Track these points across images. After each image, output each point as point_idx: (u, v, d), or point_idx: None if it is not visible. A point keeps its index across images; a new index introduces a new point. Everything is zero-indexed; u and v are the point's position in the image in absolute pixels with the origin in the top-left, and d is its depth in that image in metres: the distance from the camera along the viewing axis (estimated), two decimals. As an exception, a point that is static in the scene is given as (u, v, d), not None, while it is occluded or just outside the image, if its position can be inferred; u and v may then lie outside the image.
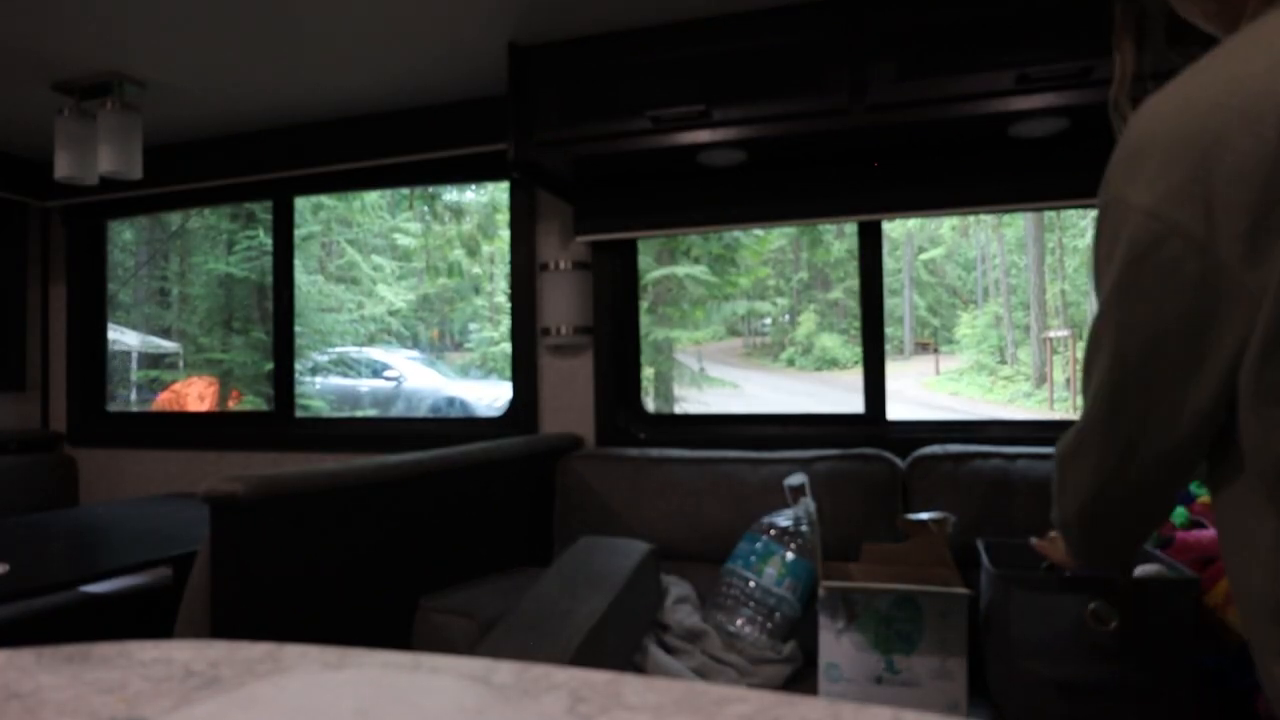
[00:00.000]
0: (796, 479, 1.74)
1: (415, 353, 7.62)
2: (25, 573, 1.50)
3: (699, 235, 5.06)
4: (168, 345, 7.20)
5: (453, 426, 2.82)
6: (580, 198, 2.18)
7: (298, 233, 2.76)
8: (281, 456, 2.58)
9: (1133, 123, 0.59)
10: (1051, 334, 11.15)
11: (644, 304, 3.88)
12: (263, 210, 5.87)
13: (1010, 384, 11.05)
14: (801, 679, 1.59)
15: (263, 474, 1.29)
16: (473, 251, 7.39)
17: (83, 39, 1.88)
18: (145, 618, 2.26)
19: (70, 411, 2.87)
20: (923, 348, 12.81)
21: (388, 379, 7.06)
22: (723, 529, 1.84)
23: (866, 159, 1.95)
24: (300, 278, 6.43)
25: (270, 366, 2.80)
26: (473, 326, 7.73)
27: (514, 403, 2.33)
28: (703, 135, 1.77)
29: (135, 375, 6.95)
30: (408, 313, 7.66)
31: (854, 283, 2.31)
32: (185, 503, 2.36)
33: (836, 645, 1.39)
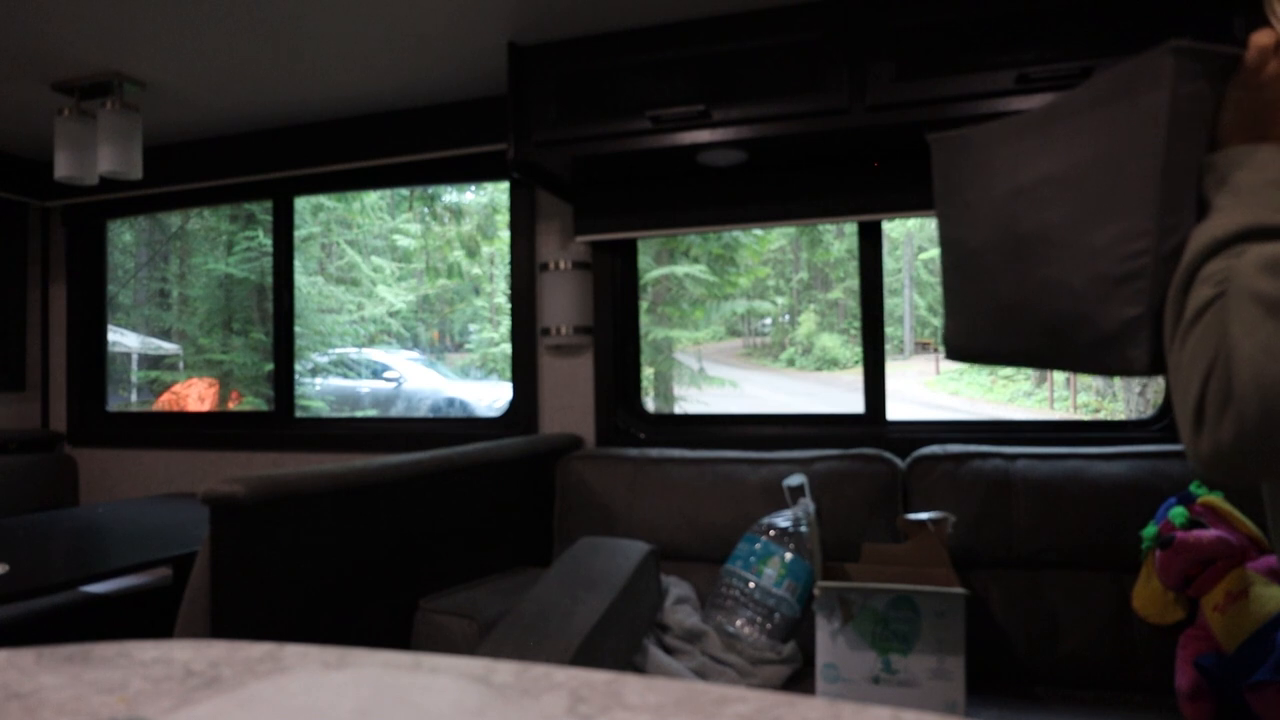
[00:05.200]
0: (795, 479, 1.74)
1: (415, 354, 7.61)
2: (25, 573, 1.50)
3: (699, 235, 5.06)
4: (168, 347, 7.19)
5: (453, 427, 2.82)
6: (580, 198, 2.18)
7: (297, 234, 2.76)
8: (281, 456, 2.58)
9: None
10: (1051, 334, 11.09)
11: (644, 304, 3.88)
12: (262, 211, 5.87)
13: (1010, 384, 11.04)
14: (801, 680, 1.59)
15: (263, 475, 1.29)
16: (472, 252, 7.39)
17: (83, 39, 1.88)
18: (145, 618, 2.26)
19: (70, 411, 2.87)
20: (923, 347, 12.80)
21: (388, 380, 7.05)
22: (722, 529, 1.84)
23: (866, 159, 1.95)
24: (300, 279, 6.43)
25: (270, 367, 2.80)
26: (473, 327, 7.73)
27: (514, 403, 2.33)
28: (703, 135, 1.77)
29: (135, 376, 6.95)
30: (407, 314, 7.66)
31: (854, 283, 2.31)
32: (185, 503, 2.36)
33: (833, 645, 1.39)
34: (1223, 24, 1.46)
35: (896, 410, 2.07)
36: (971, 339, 1.03)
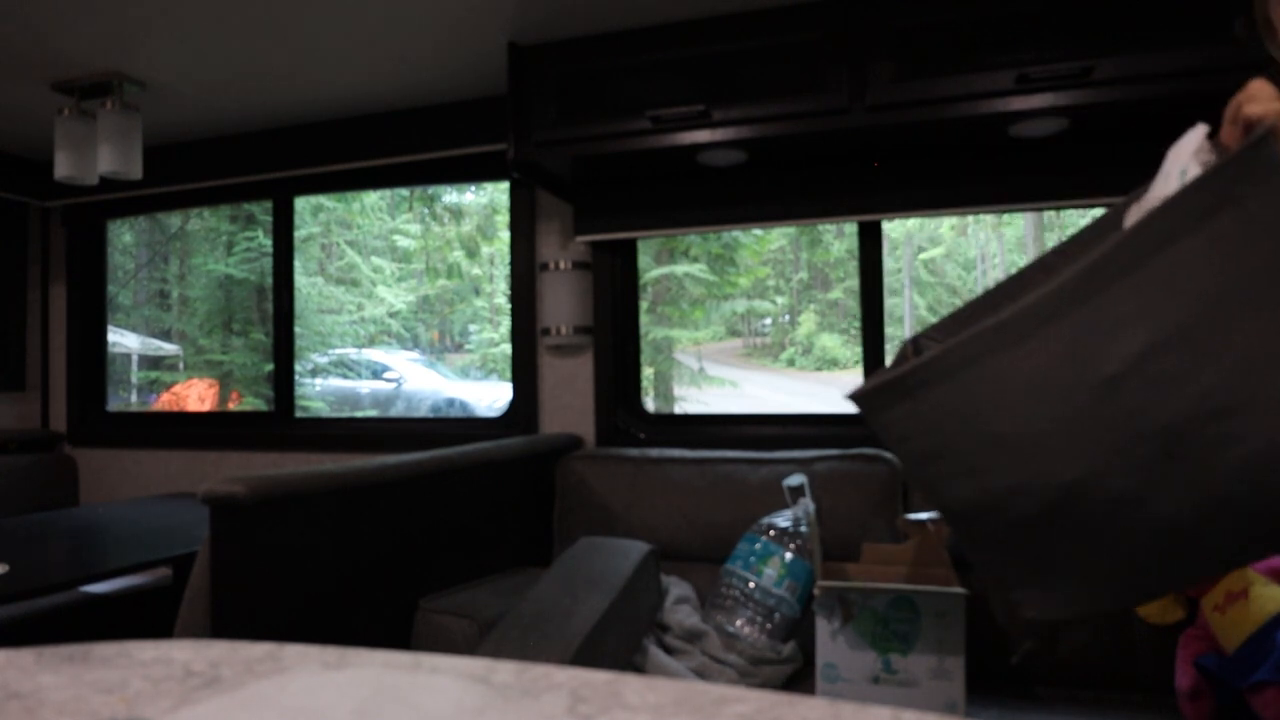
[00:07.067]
0: (795, 479, 1.74)
1: (415, 354, 7.61)
2: (25, 573, 1.50)
3: (699, 235, 5.07)
4: (168, 347, 7.19)
5: (453, 427, 2.82)
6: (580, 198, 2.18)
7: (297, 234, 2.76)
8: (281, 456, 2.58)
9: None
10: (1051, 334, 11.06)
11: (644, 304, 3.88)
12: (262, 211, 5.87)
13: (1010, 384, 10.98)
14: (801, 680, 1.59)
15: (263, 475, 1.29)
16: (472, 253, 7.39)
17: (83, 39, 1.88)
18: (145, 618, 2.26)
19: (70, 411, 2.87)
20: (923, 348, 12.73)
21: (388, 380, 7.05)
22: (723, 529, 1.84)
23: (866, 159, 1.95)
24: (300, 279, 6.42)
25: (270, 368, 2.80)
26: (472, 328, 7.72)
27: (514, 403, 2.33)
28: (703, 135, 1.77)
29: (135, 377, 6.95)
30: (407, 314, 7.65)
31: (854, 283, 2.31)
32: (185, 503, 2.36)
33: (833, 645, 1.39)
34: (1223, 25, 1.46)
35: (896, 410, 2.06)
36: (1092, 598, 0.82)
